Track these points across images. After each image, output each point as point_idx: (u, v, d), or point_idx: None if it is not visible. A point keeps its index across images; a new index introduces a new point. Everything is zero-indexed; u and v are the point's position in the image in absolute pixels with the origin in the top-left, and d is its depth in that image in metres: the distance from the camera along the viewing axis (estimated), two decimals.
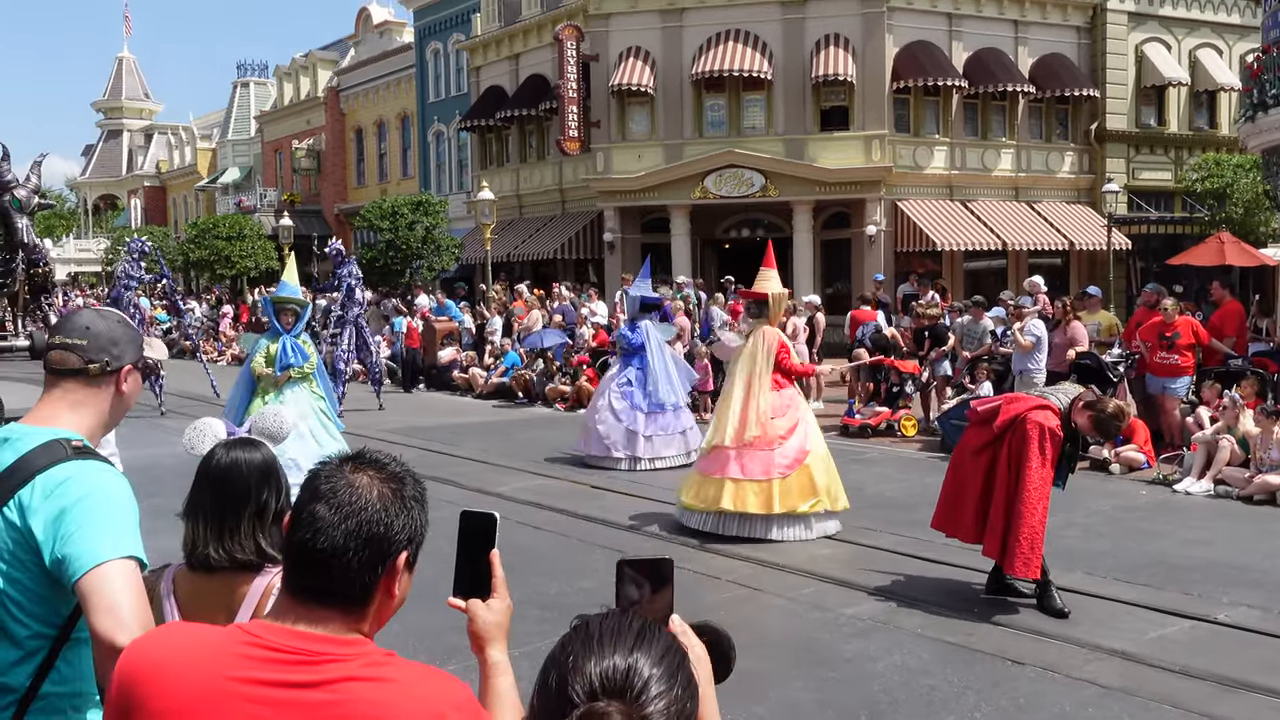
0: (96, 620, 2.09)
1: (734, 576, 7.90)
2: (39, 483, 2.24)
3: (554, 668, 1.36)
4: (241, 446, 2.75)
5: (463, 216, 33.98)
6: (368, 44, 43.66)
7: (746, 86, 27.51)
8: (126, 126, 62.02)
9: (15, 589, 2.25)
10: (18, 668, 2.27)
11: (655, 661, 1.34)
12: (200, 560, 2.64)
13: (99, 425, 2.48)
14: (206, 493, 2.68)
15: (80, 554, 2.16)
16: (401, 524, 1.65)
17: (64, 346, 2.43)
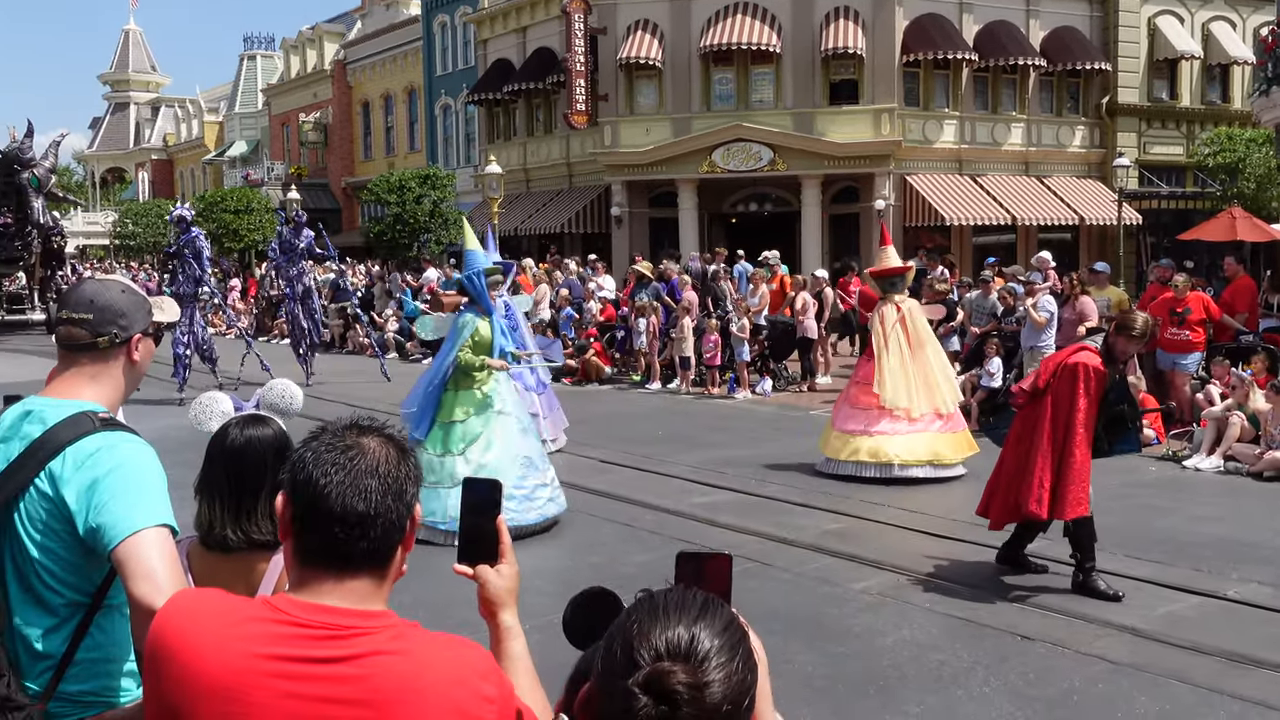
0: (134, 586, 2.14)
1: (744, 551, 7.88)
2: (69, 454, 2.27)
3: (619, 635, 1.40)
4: (254, 424, 2.75)
5: (470, 190, 33.91)
6: (374, 17, 43.45)
7: (755, 60, 27.35)
8: (134, 99, 61.89)
9: (49, 558, 2.29)
10: (53, 634, 2.31)
11: (717, 633, 1.38)
12: (218, 541, 2.64)
13: (117, 395, 2.51)
14: (221, 472, 2.68)
15: (115, 523, 2.20)
16: (412, 479, 1.69)
17: (72, 321, 2.43)
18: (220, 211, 39.48)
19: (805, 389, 16.54)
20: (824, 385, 16.73)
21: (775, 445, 12.30)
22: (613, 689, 1.36)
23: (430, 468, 8.13)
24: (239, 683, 1.56)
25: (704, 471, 10.80)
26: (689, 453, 11.86)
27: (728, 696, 1.35)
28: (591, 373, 18.09)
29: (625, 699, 1.34)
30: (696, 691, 1.33)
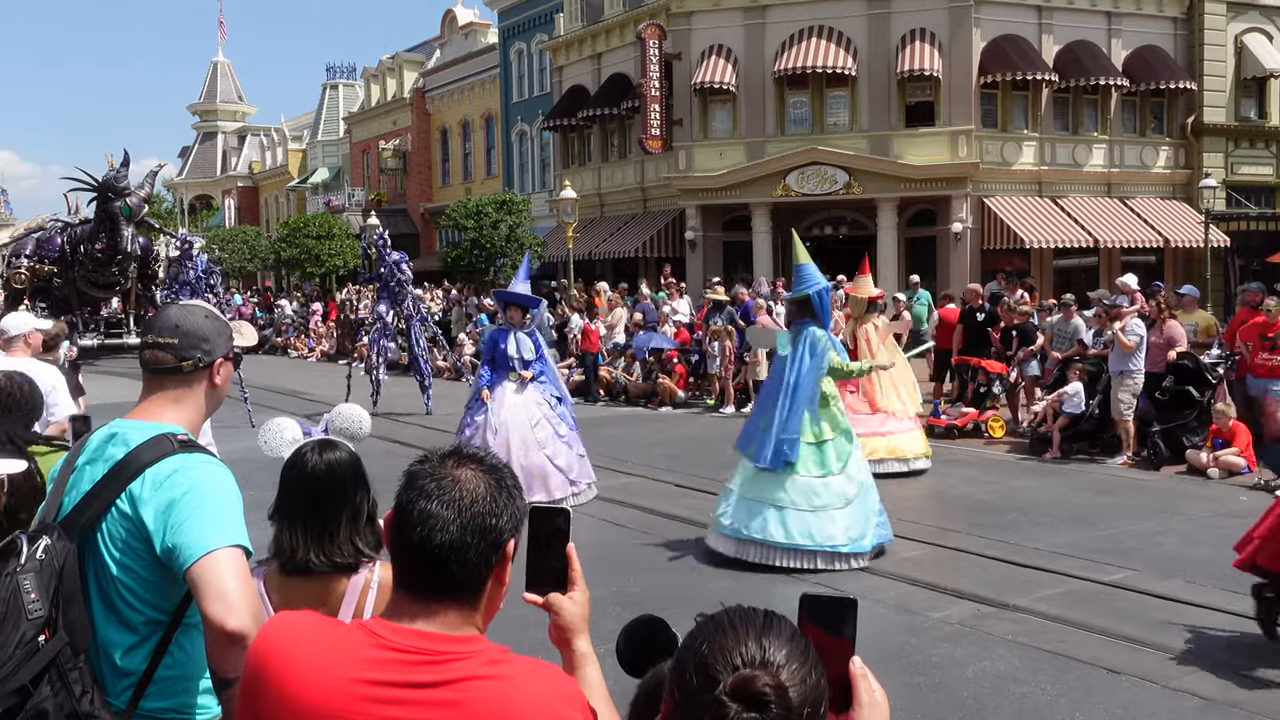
0: (207, 606, 2.18)
1: (820, 578, 7.82)
2: (149, 475, 2.32)
3: (690, 657, 1.43)
4: (329, 449, 2.77)
5: (545, 215, 34.24)
6: (453, 45, 44.21)
7: (830, 83, 27.26)
8: (221, 129, 63.68)
9: (129, 576, 2.34)
10: (134, 652, 2.36)
11: (786, 642, 1.42)
12: (299, 565, 2.67)
13: (198, 418, 2.56)
14: (303, 497, 2.70)
15: (190, 543, 2.24)
16: (507, 513, 1.68)
17: (156, 346, 2.49)
18: (303, 237, 40.33)
19: None
20: None
21: None
22: (696, 707, 1.39)
23: (813, 491, 7.98)
24: (339, 707, 1.59)
25: None
26: None
27: (806, 700, 1.39)
28: (666, 396, 18.11)
29: (714, 709, 1.37)
30: (781, 692, 1.37)
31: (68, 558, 2.31)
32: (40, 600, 2.24)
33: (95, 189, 23.68)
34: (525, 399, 10.38)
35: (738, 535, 8.08)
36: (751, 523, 8.01)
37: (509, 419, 10.24)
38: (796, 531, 7.89)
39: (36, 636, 2.22)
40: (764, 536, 7.94)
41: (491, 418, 10.27)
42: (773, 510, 7.96)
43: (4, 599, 2.23)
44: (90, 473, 2.41)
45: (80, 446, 2.51)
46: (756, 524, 7.99)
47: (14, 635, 2.20)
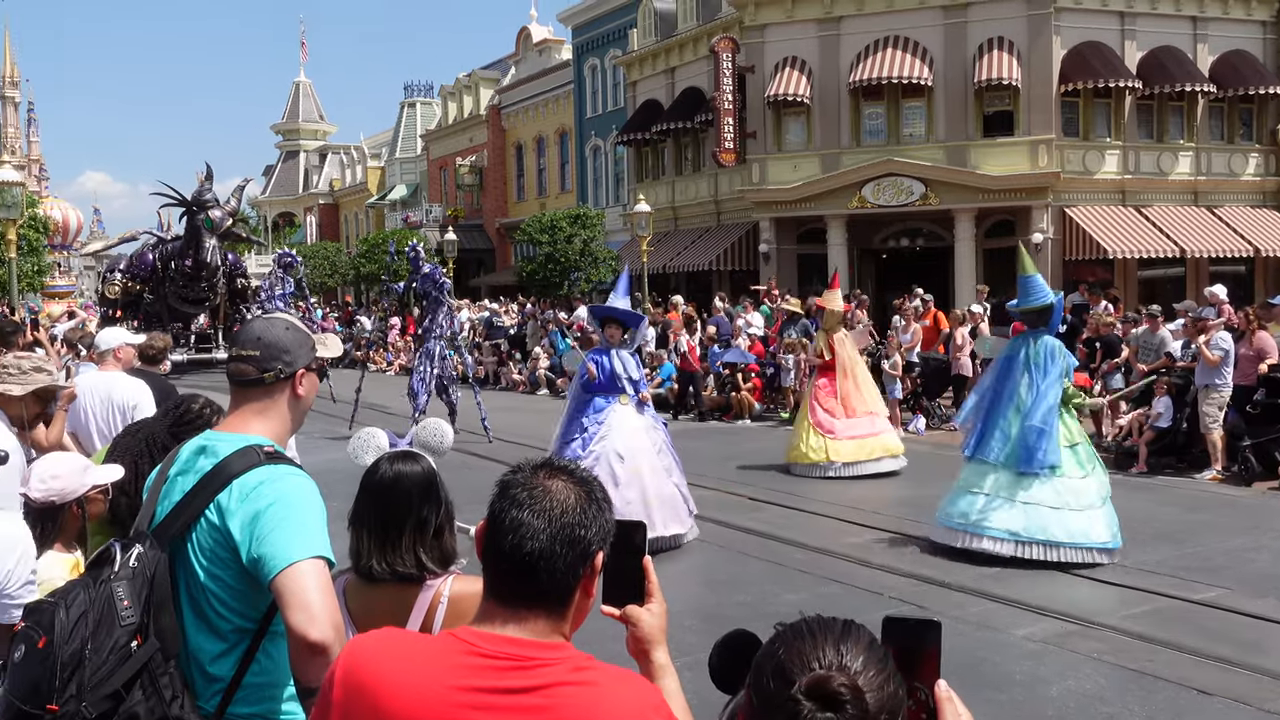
0: (290, 616, 2.22)
1: (898, 593, 7.72)
2: (235, 487, 2.38)
3: (768, 662, 1.44)
4: (404, 460, 2.81)
5: (619, 229, 34.40)
6: (528, 62, 44.71)
7: (906, 93, 27.01)
8: (303, 147, 65.12)
9: (217, 585, 2.40)
10: (223, 659, 2.42)
11: (864, 650, 1.43)
12: (364, 571, 2.72)
13: (284, 429, 2.61)
14: (370, 505, 2.75)
15: (274, 554, 2.29)
16: (596, 525, 1.70)
17: (240, 359, 2.55)
18: (382, 253, 41.04)
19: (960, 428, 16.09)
20: None
21: (930, 485, 12.00)
22: (772, 709, 1.40)
23: (1079, 492, 8.42)
24: (436, 714, 1.61)
25: (855, 511, 10.62)
26: (838, 491, 11.68)
27: (884, 707, 1.38)
28: (741, 409, 18.05)
29: (789, 708, 1.38)
30: (858, 695, 1.37)
31: (159, 566, 2.37)
32: (132, 607, 2.30)
33: (181, 203, 24.25)
34: (645, 423, 9.47)
35: (1018, 538, 8.37)
36: (1029, 524, 8.35)
37: (634, 445, 9.20)
38: (1076, 530, 8.30)
39: (129, 643, 2.28)
40: (1047, 537, 8.29)
41: (612, 444, 9.14)
42: (1049, 510, 8.34)
43: (98, 606, 2.29)
44: (181, 483, 2.47)
45: (172, 457, 2.58)
46: (1035, 526, 8.33)
47: (108, 641, 2.26)
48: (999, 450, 8.60)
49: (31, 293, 33.94)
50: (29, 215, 25.24)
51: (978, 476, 8.73)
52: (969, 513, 8.60)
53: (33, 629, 2.28)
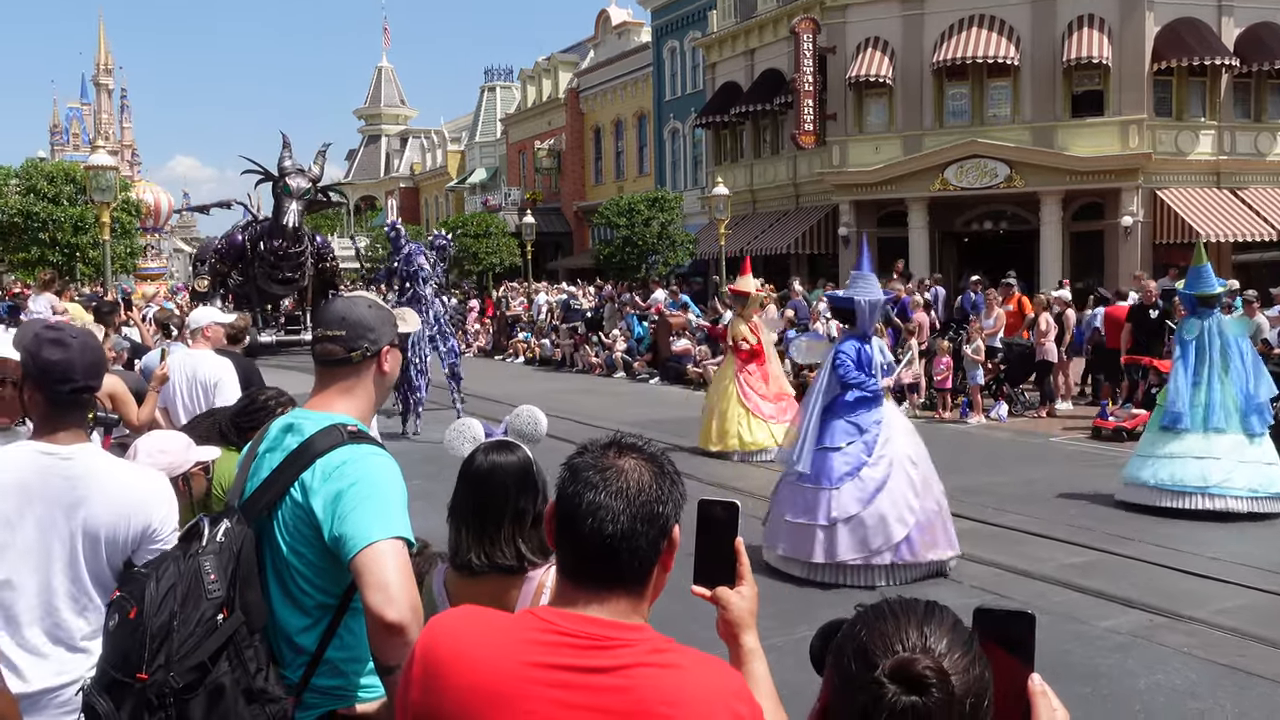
0: (368, 595, 2.26)
1: (979, 583, 7.59)
2: (319, 465, 2.43)
3: (849, 643, 1.42)
4: (499, 450, 2.81)
5: (697, 212, 34.28)
6: (607, 45, 44.71)
7: (991, 73, 26.46)
8: (385, 132, 66.05)
9: (300, 561, 2.45)
10: (307, 633, 2.48)
11: (947, 631, 1.40)
12: (463, 564, 2.72)
13: (369, 406, 2.65)
14: (467, 497, 2.75)
15: (355, 533, 2.33)
16: (672, 500, 1.68)
17: (326, 339, 2.58)
18: (461, 236, 41.45)
19: (1044, 414, 15.77)
20: (1064, 411, 15.91)
21: (1011, 472, 11.79)
22: (854, 690, 1.38)
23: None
24: (512, 690, 1.60)
25: None
26: None
27: (969, 690, 1.36)
28: None
29: (873, 690, 1.35)
30: (943, 678, 1.34)
31: (245, 542, 2.42)
32: (219, 581, 2.35)
33: (263, 174, 24.64)
34: (909, 422, 8.39)
35: (1255, 494, 9.32)
36: (1265, 481, 9.38)
37: (920, 449, 7.97)
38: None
39: (215, 615, 2.33)
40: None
41: (900, 447, 7.78)
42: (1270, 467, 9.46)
43: (186, 579, 2.35)
44: (269, 460, 2.52)
45: (261, 435, 2.64)
46: (1269, 481, 9.39)
47: (194, 614, 2.32)
48: (1223, 419, 9.50)
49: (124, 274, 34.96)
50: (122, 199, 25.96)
51: (1203, 443, 9.52)
52: (1207, 476, 9.34)
53: (126, 599, 2.35)
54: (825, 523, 7.56)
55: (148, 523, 2.81)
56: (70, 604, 2.80)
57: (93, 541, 2.78)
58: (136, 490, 2.85)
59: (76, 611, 2.81)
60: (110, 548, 2.79)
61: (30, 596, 2.76)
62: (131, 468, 3.12)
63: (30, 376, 2.87)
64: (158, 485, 2.95)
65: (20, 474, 2.77)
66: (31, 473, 2.77)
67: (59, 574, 2.78)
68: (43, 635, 2.78)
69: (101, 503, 2.78)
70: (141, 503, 2.83)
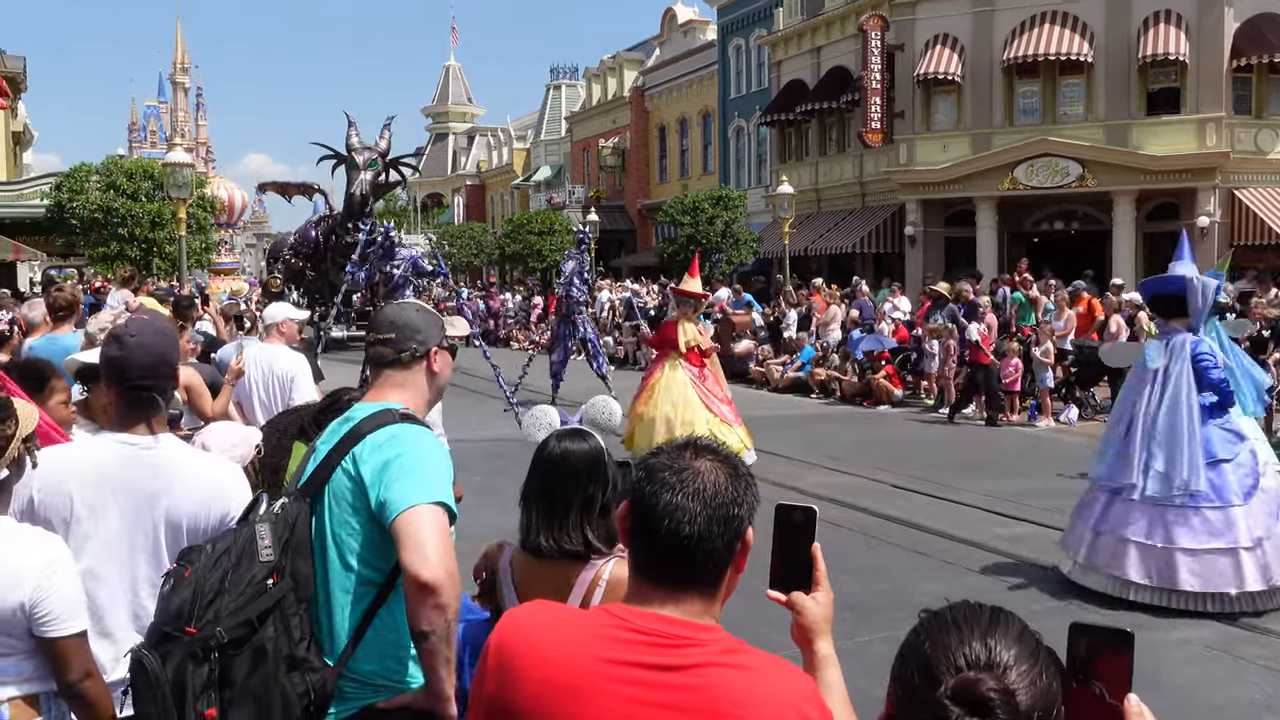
0: (405, 556, 2.38)
1: (1046, 588, 7.48)
2: (369, 439, 2.58)
3: (913, 656, 1.40)
4: (572, 437, 2.87)
5: (761, 210, 34.16)
6: (672, 43, 44.70)
7: (1063, 70, 26.01)
8: (452, 130, 66.69)
9: (348, 532, 2.56)
10: (350, 610, 2.56)
11: (1013, 642, 1.37)
12: (532, 547, 2.78)
13: (422, 401, 2.79)
14: (538, 482, 2.82)
15: (396, 497, 2.46)
16: (747, 501, 1.70)
17: (378, 342, 2.77)
18: (525, 233, 41.73)
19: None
20: None
21: (1082, 477, 11.58)
22: (917, 706, 1.36)
23: None
24: (584, 684, 1.62)
25: (1002, 502, 10.32)
26: (985, 481, 11.37)
27: (1036, 703, 1.33)
28: (882, 395, 17.74)
29: (936, 710, 1.33)
30: (1008, 697, 1.32)
31: (300, 515, 2.54)
32: (272, 547, 2.47)
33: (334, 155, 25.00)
34: None
35: None
36: None
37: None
38: None
39: (265, 579, 2.44)
40: None
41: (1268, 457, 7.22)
42: None
43: (240, 542, 2.47)
44: (325, 449, 2.69)
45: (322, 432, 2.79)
46: None
47: (246, 574, 2.42)
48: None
49: (199, 269, 35.70)
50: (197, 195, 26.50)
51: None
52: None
53: (182, 564, 2.48)
54: (1250, 544, 6.71)
55: (226, 510, 2.90)
56: (153, 593, 2.85)
57: (174, 530, 2.87)
58: (216, 480, 2.96)
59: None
60: (192, 536, 2.87)
61: (114, 586, 2.84)
62: (210, 458, 3.23)
63: (101, 373, 3.06)
64: (235, 475, 3.06)
65: (102, 465, 2.86)
66: (113, 463, 2.86)
67: (142, 563, 2.86)
68: (126, 625, 2.85)
69: (183, 492, 2.88)
70: (221, 492, 2.93)
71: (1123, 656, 1.41)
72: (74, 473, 2.84)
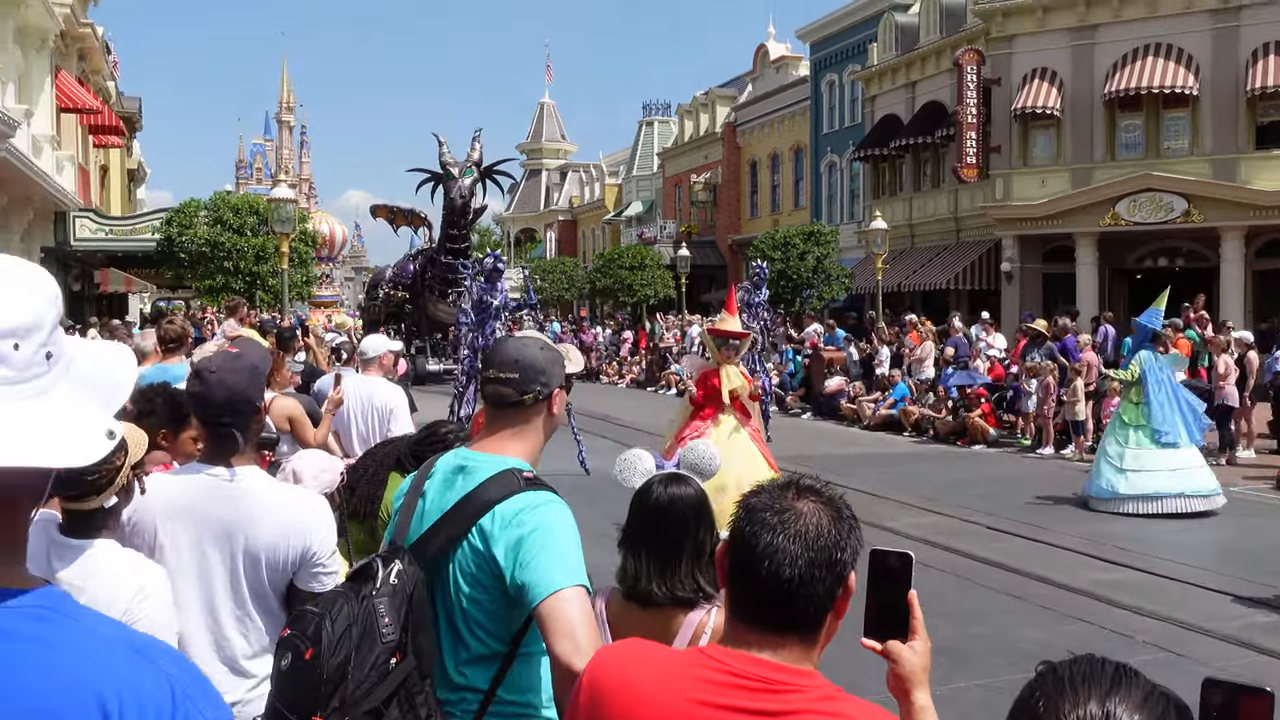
0: (556, 645, 2.24)
1: (1152, 638, 7.22)
2: (498, 512, 2.42)
3: (1024, 715, 1.31)
4: (676, 483, 2.83)
5: (853, 246, 33.91)
6: (764, 79, 44.81)
7: (1167, 104, 25.40)
8: (545, 166, 67.66)
9: (476, 609, 2.45)
10: (479, 673, 2.47)
11: (1136, 707, 1.25)
12: (642, 595, 2.73)
13: (537, 448, 2.65)
14: (647, 529, 2.77)
15: (538, 581, 2.32)
16: (849, 545, 1.65)
17: (499, 381, 2.56)
18: (617, 268, 42.01)
19: (1223, 461, 14.92)
20: (1246, 459, 15.04)
21: (1186, 522, 11.19)
22: None
23: None
24: None
25: (1101, 546, 10.02)
26: (1084, 524, 11.06)
27: None
28: (977, 434, 17.39)
29: None
30: None
31: (417, 585, 2.40)
32: (393, 624, 2.33)
33: (430, 175, 25.44)
34: None
35: None
36: None
37: None
38: None
39: (388, 660, 2.32)
40: None
41: None
42: None
43: (361, 621, 2.33)
44: (439, 501, 2.51)
45: (426, 471, 2.64)
46: None
47: (369, 657, 2.29)
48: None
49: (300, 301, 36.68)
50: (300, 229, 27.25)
51: None
52: None
53: (299, 639, 2.33)
54: None
55: (307, 544, 2.90)
56: (234, 624, 2.90)
57: (254, 562, 2.88)
58: (296, 513, 2.95)
59: (240, 632, 2.91)
60: (271, 569, 2.89)
61: (195, 616, 2.87)
62: (291, 490, 3.25)
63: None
64: (317, 508, 3.04)
65: (185, 496, 2.91)
66: (195, 494, 2.91)
67: (221, 593, 2.88)
68: (209, 654, 2.87)
69: (262, 524, 2.88)
70: (301, 525, 2.92)
71: (1264, 715, 1.30)
72: (158, 502, 2.90)
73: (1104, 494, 11.65)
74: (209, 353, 5.56)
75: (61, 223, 29.29)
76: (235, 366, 3.02)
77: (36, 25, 24.94)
